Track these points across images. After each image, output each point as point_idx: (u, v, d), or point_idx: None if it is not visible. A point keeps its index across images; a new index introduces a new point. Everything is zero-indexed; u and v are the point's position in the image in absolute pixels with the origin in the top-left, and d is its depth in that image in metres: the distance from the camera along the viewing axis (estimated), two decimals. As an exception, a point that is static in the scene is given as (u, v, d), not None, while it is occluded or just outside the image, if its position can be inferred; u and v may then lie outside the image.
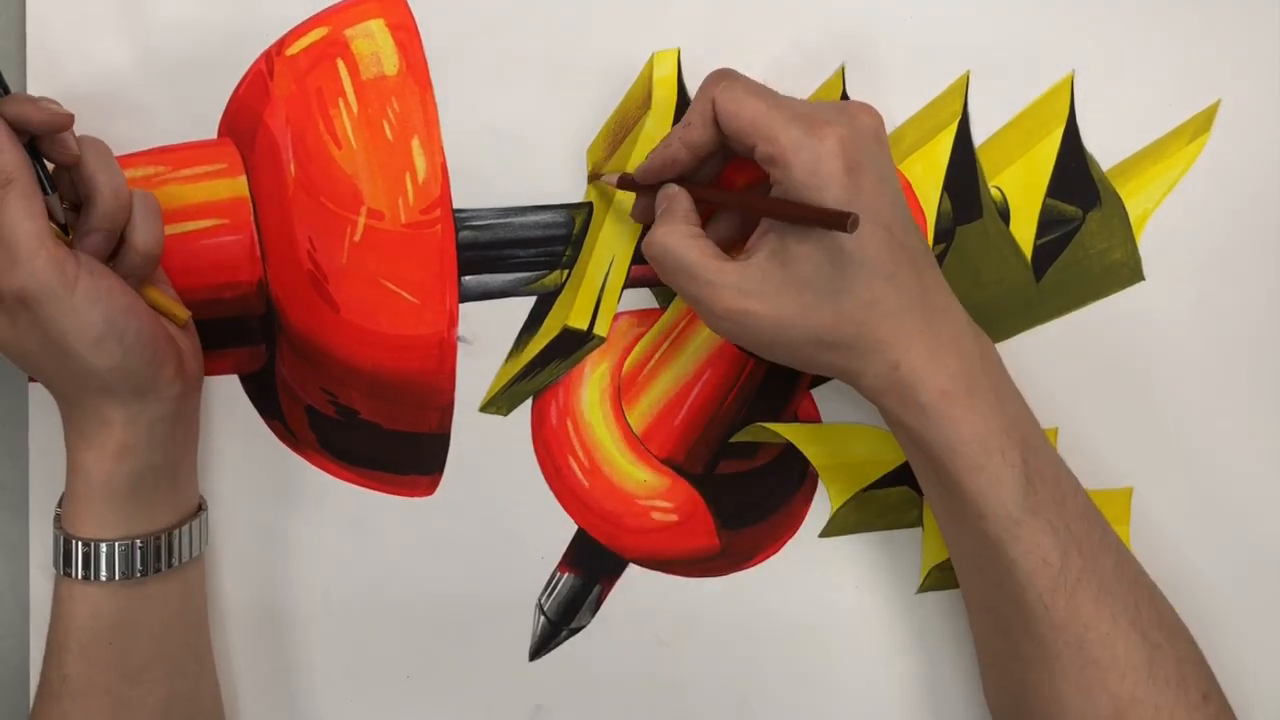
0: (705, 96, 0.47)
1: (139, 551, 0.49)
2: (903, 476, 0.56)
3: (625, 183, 0.51)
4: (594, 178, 0.53)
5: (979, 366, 0.46)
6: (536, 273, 0.54)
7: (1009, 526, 0.45)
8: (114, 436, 0.48)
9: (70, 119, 0.46)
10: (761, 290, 0.45)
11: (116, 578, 0.48)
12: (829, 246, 0.44)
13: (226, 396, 0.55)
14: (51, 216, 0.46)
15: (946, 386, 0.45)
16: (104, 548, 0.48)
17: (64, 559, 0.49)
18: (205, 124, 0.53)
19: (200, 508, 0.53)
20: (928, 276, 0.47)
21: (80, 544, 0.48)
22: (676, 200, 0.49)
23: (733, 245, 0.51)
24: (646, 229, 0.52)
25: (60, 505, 0.50)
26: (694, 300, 0.47)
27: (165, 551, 0.50)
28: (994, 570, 0.47)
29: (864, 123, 0.46)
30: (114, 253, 0.49)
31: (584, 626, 0.56)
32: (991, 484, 0.45)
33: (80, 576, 0.48)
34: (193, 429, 0.52)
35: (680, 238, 0.47)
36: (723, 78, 0.47)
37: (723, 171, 0.52)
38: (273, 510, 0.55)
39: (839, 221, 0.42)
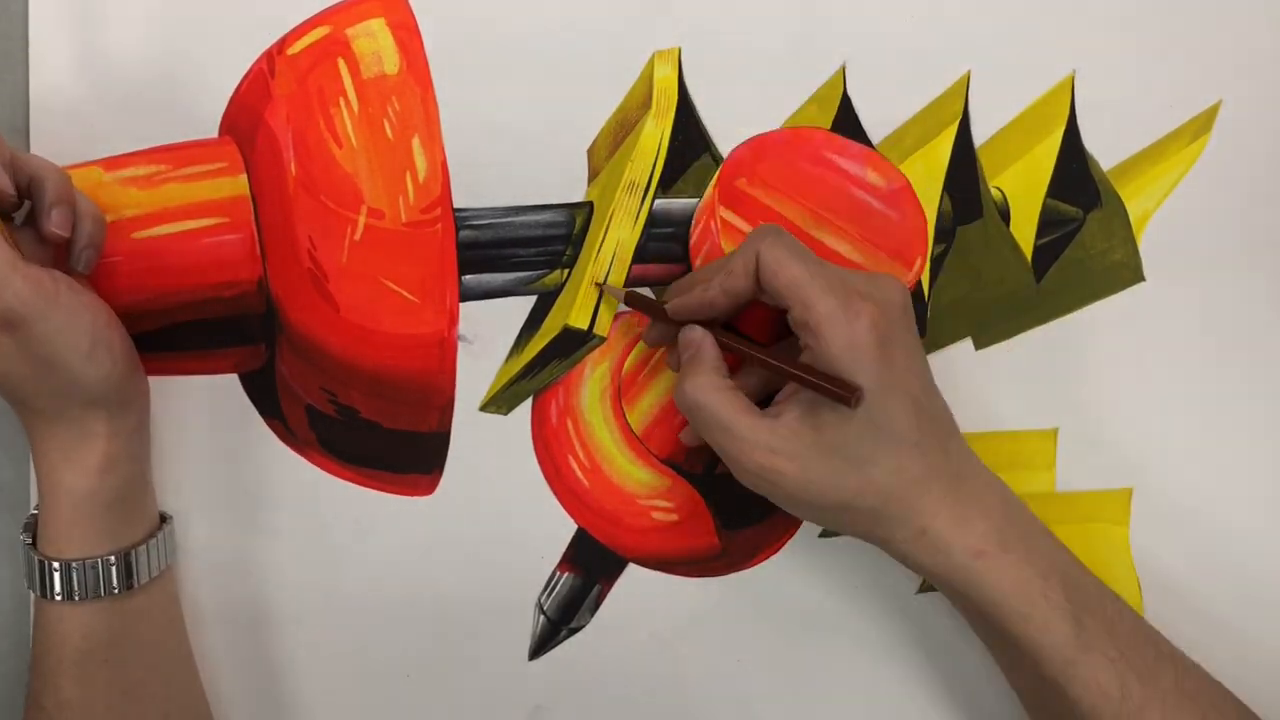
0: (750, 250, 0.47)
1: (122, 566, 0.49)
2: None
3: (647, 307, 0.51)
4: (599, 285, 0.53)
5: (1006, 520, 0.47)
6: (537, 272, 0.54)
7: (1064, 668, 0.46)
8: (99, 450, 0.48)
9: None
10: (790, 450, 0.46)
11: (102, 595, 0.48)
12: (859, 417, 0.45)
13: (226, 395, 0.55)
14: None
15: (978, 545, 0.46)
16: (87, 566, 0.48)
17: (45, 583, 0.48)
18: (206, 123, 0.53)
19: (163, 519, 0.53)
20: (952, 443, 0.48)
21: (61, 566, 0.48)
22: (703, 349, 0.49)
23: (756, 390, 0.51)
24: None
25: (26, 530, 0.50)
26: (723, 452, 0.48)
27: (144, 564, 0.50)
28: (1057, 707, 0.47)
29: (894, 297, 0.47)
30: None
31: (584, 626, 0.56)
32: (1041, 629, 0.46)
33: (63, 598, 0.48)
34: (149, 437, 0.53)
35: (712, 391, 0.47)
36: (769, 234, 0.47)
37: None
38: (272, 509, 0.55)
39: (846, 395, 0.44)
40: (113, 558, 0.49)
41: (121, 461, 0.49)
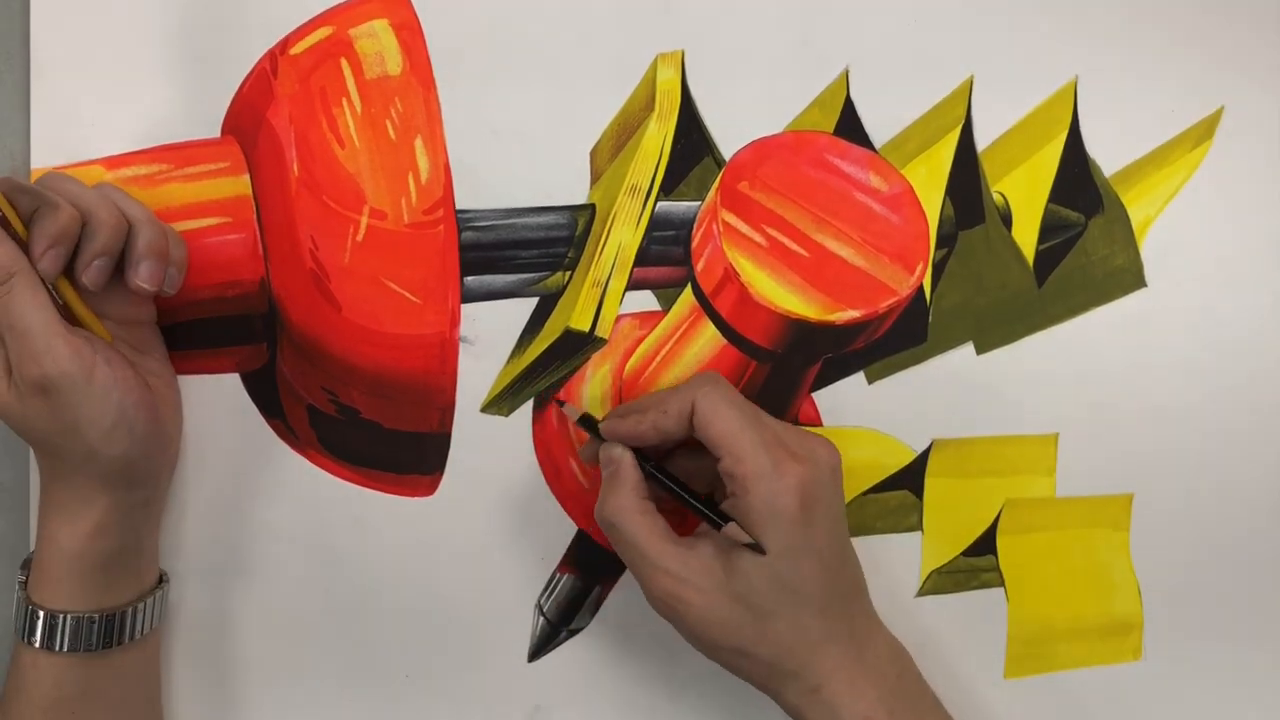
0: (687, 396, 0.48)
1: (101, 625, 0.49)
2: (903, 480, 0.56)
3: (584, 422, 0.51)
4: (560, 403, 0.54)
5: (898, 688, 0.48)
6: (539, 274, 0.54)
7: None
8: (93, 518, 0.48)
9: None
10: (699, 584, 0.47)
11: (80, 650, 0.48)
12: (770, 571, 0.46)
13: (227, 395, 0.55)
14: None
15: (867, 712, 0.47)
16: (68, 620, 0.48)
17: (27, 628, 0.48)
18: (208, 122, 0.53)
19: (161, 580, 0.53)
20: (856, 606, 0.49)
21: (45, 615, 0.48)
22: (623, 468, 0.49)
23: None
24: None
25: (23, 570, 0.50)
26: (635, 574, 0.48)
27: (127, 626, 0.50)
28: None
29: (824, 459, 0.48)
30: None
31: (583, 628, 0.56)
32: None
33: (41, 646, 0.48)
34: (162, 505, 0.53)
35: (630, 513, 0.48)
36: (707, 382, 0.48)
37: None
38: (272, 509, 0.55)
39: (757, 548, 0.46)
40: (96, 616, 0.49)
41: (115, 531, 0.49)
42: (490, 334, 0.54)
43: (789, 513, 0.46)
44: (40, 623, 0.48)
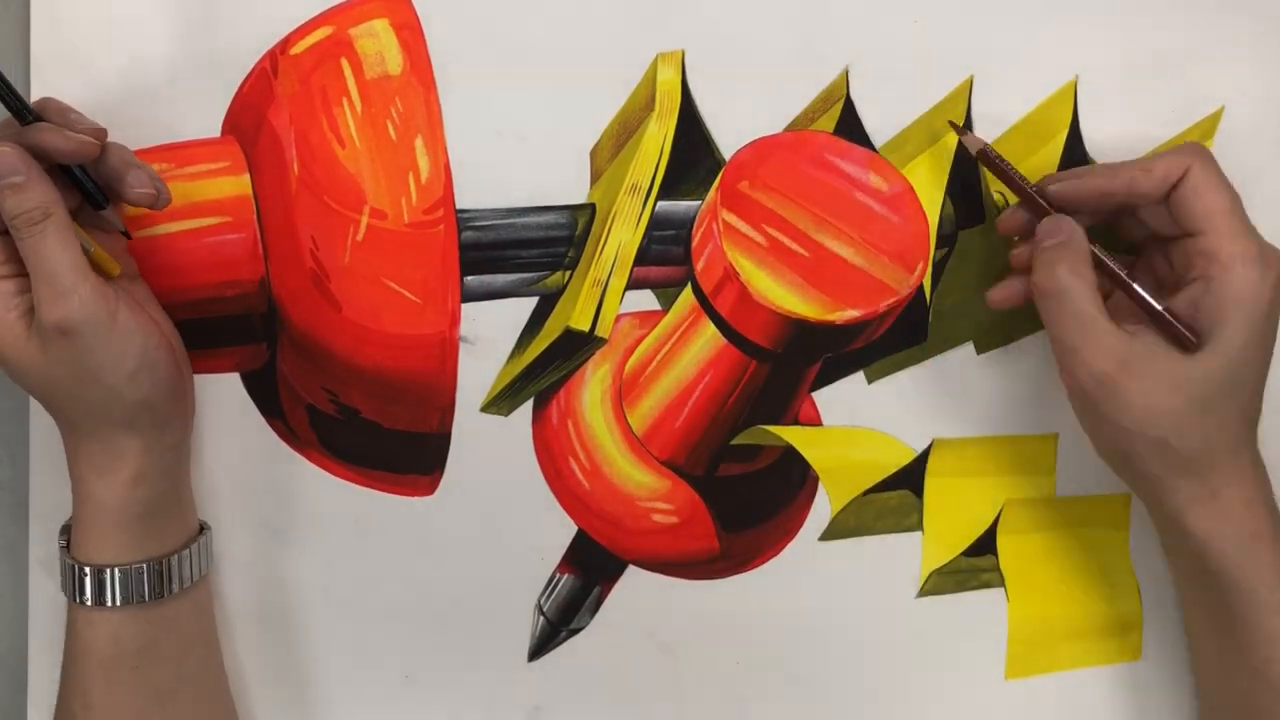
0: (1180, 161, 0.46)
1: (152, 575, 0.49)
2: (903, 480, 0.56)
3: (1011, 180, 0.49)
4: (954, 125, 0.51)
5: (1278, 515, 0.47)
6: (539, 273, 0.54)
7: None
8: (129, 466, 0.48)
9: (96, 148, 0.46)
10: (1143, 371, 0.45)
11: (132, 601, 0.49)
12: (1227, 360, 0.45)
13: (227, 395, 0.55)
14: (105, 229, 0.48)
15: (1259, 529, 0.46)
16: (116, 573, 0.48)
17: (76, 587, 0.49)
18: (209, 122, 0.53)
19: (202, 528, 0.53)
20: (1255, 426, 0.47)
21: (93, 570, 0.48)
22: (1077, 237, 0.47)
23: None
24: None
25: (63, 534, 0.50)
26: (1070, 349, 0.46)
27: (175, 573, 0.50)
28: (1265, 714, 0.47)
29: None
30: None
31: (583, 628, 0.56)
32: None
33: (93, 603, 0.48)
34: (189, 451, 0.53)
35: (1085, 284, 0.46)
36: (1201, 152, 0.47)
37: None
38: (273, 509, 0.55)
39: (1183, 340, 0.45)
40: (144, 566, 0.49)
41: (153, 478, 0.49)
42: (490, 334, 0.54)
43: (1262, 306, 0.44)
44: (89, 579, 0.48)
